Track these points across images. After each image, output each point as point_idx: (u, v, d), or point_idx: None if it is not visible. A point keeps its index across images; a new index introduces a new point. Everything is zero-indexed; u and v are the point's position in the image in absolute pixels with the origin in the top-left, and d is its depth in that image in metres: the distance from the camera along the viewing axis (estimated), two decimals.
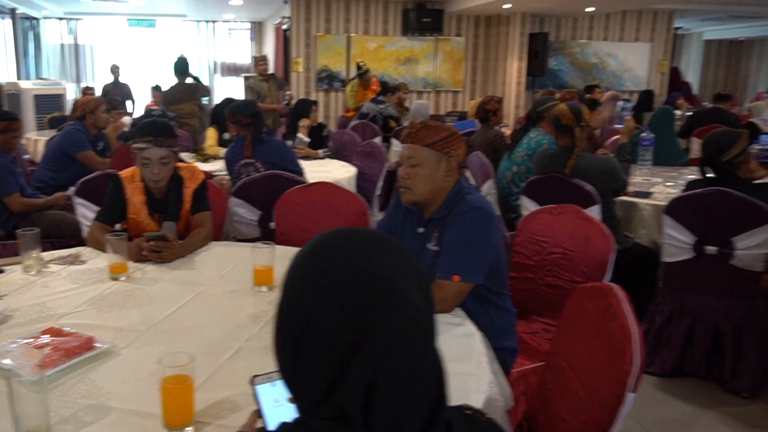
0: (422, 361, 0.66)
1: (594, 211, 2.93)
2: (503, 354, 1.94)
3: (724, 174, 2.68)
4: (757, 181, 2.96)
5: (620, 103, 4.73)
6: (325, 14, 9.17)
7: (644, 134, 4.34)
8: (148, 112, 6.29)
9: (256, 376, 0.89)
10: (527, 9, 8.86)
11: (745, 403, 2.65)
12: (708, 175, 2.77)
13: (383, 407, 0.63)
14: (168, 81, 6.37)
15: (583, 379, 1.42)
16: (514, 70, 9.35)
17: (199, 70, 11.90)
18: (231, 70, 12.70)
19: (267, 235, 2.87)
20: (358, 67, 7.24)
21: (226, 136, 4.64)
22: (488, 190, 3.81)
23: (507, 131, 6.36)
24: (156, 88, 8.71)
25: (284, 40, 9.88)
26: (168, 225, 2.25)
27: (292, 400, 0.69)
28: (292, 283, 0.69)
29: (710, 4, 8.99)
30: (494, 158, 4.12)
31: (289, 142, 4.79)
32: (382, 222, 2.08)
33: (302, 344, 0.65)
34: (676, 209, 2.74)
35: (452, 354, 1.49)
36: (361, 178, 4.39)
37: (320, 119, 9.16)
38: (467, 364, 1.45)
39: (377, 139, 5.27)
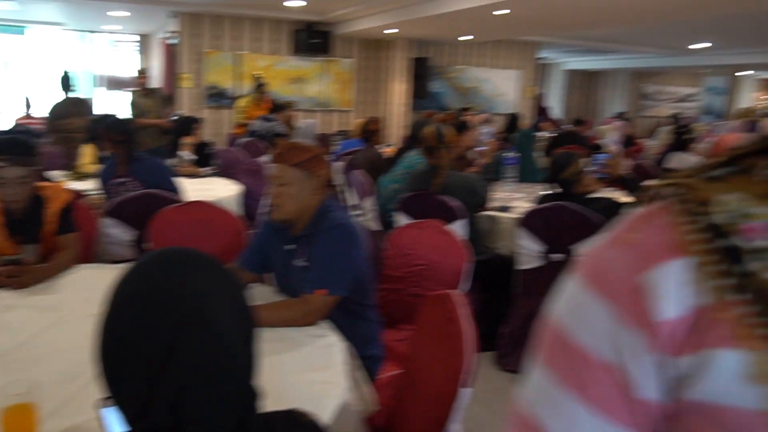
0: (225, 377, 0.71)
1: (459, 226, 3.19)
2: (369, 362, 2.08)
3: (565, 189, 3.04)
4: (592, 195, 3.37)
5: (483, 129, 5.12)
6: (214, 31, 9.08)
7: (508, 154, 4.75)
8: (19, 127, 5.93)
9: (102, 399, 0.90)
10: (410, 34, 9.27)
11: None
12: (556, 191, 3.12)
13: (191, 420, 0.69)
14: (42, 92, 6.02)
15: (429, 379, 1.59)
16: (398, 91, 9.75)
17: (79, 82, 11.24)
18: (116, 83, 12.14)
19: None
20: (256, 80, 7.24)
21: (104, 153, 4.50)
22: (369, 206, 4.00)
23: (392, 150, 6.65)
24: (28, 101, 8.16)
25: (171, 55, 9.63)
26: (28, 248, 2.18)
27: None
28: (110, 302, 0.73)
29: (567, 39, 9.93)
30: (375, 176, 4.33)
31: (173, 160, 4.73)
32: (253, 240, 2.17)
33: (117, 361, 0.70)
34: (528, 222, 3.05)
35: (313, 364, 1.59)
36: (247, 196, 4.43)
37: (209, 137, 9.04)
38: (325, 373, 1.53)
39: (264, 157, 5.32)
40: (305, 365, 1.59)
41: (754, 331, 0.44)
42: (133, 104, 6.47)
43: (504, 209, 3.74)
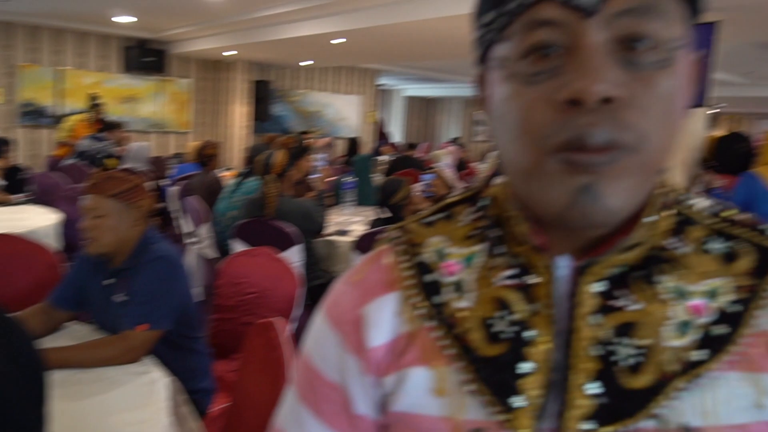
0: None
1: (295, 251, 3.23)
2: (199, 395, 2.04)
3: (395, 213, 3.23)
4: None
5: (318, 155, 5.26)
6: (30, 42, 8.27)
7: (347, 178, 4.92)
8: None
9: None
10: (249, 57, 9.24)
11: None
12: (384, 215, 3.30)
13: None
14: None
15: (254, 409, 1.60)
16: (239, 114, 9.63)
17: None
18: None
19: None
20: (91, 98, 6.69)
21: None
22: (205, 233, 3.89)
23: (231, 174, 6.53)
24: None
25: None
26: None
27: None
28: None
29: (404, 67, 10.57)
30: (211, 202, 4.23)
31: None
32: (68, 274, 2.03)
33: None
34: (361, 245, 3.19)
35: (133, 403, 1.53)
36: (68, 226, 4.08)
37: (24, 159, 8.18)
38: (144, 412, 1.48)
39: None
40: (125, 405, 1.53)
41: (438, 351, 0.52)
42: None
43: (342, 233, 3.86)
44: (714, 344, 0.49)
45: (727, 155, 3.84)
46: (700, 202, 0.57)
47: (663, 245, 0.53)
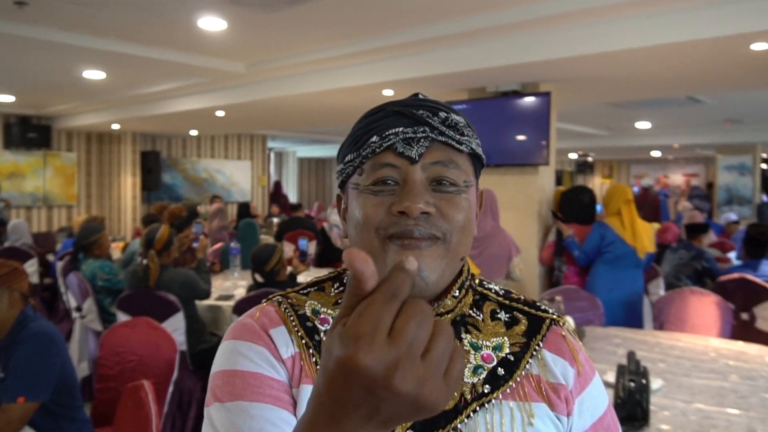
0: None
1: (178, 318, 3.44)
2: None
3: (269, 279, 3.53)
4: (300, 277, 3.94)
5: (199, 227, 5.48)
6: None
7: (233, 244, 5.16)
8: None
9: None
10: (136, 129, 9.30)
11: None
12: (259, 280, 3.58)
13: None
14: None
15: None
16: (128, 185, 9.58)
17: None
18: None
19: None
20: None
21: None
22: (89, 307, 3.99)
23: (120, 245, 6.55)
24: None
25: None
26: None
27: None
28: None
29: (291, 132, 10.99)
30: None
31: None
32: None
33: None
34: (240, 308, 3.44)
35: None
36: None
37: None
38: None
39: None
40: None
41: (317, 372, 0.65)
42: None
43: (227, 298, 4.08)
44: (497, 382, 0.73)
45: (573, 206, 4.29)
46: (493, 286, 0.84)
47: (467, 313, 0.78)
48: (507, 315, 0.80)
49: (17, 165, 8.94)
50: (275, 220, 8.65)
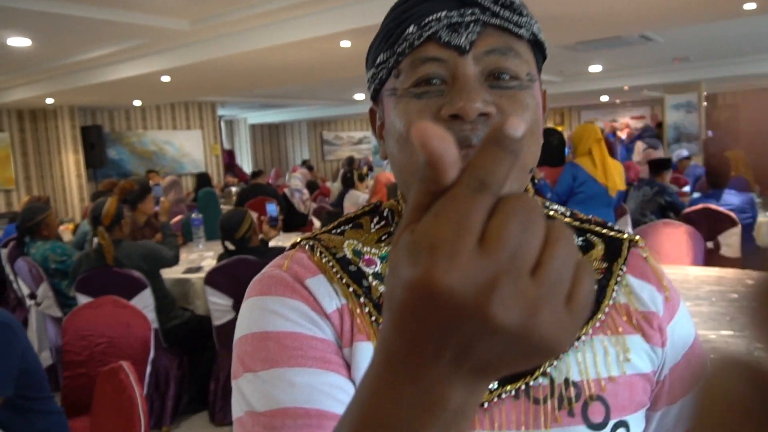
0: None
1: (146, 295, 3.21)
2: None
3: (240, 246, 3.32)
4: (271, 243, 3.75)
5: (157, 189, 5.20)
6: None
7: (194, 215, 4.90)
8: None
9: None
10: (73, 103, 8.75)
11: None
12: (230, 248, 3.37)
13: None
14: None
15: None
16: (71, 162, 9.05)
17: None
18: None
19: None
20: None
21: None
22: (44, 293, 3.71)
23: (69, 227, 6.17)
24: None
25: None
26: None
27: None
28: None
29: (242, 97, 10.58)
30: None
31: None
32: None
33: None
34: (212, 279, 3.24)
35: None
36: None
37: None
38: None
39: None
40: None
41: (373, 327, 0.58)
42: None
43: (194, 270, 3.86)
44: None
45: (542, 149, 4.30)
46: (557, 207, 0.73)
47: None
48: (580, 239, 0.70)
49: None
50: (233, 189, 8.34)
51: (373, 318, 0.59)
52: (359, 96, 11.92)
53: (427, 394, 0.30)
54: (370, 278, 0.62)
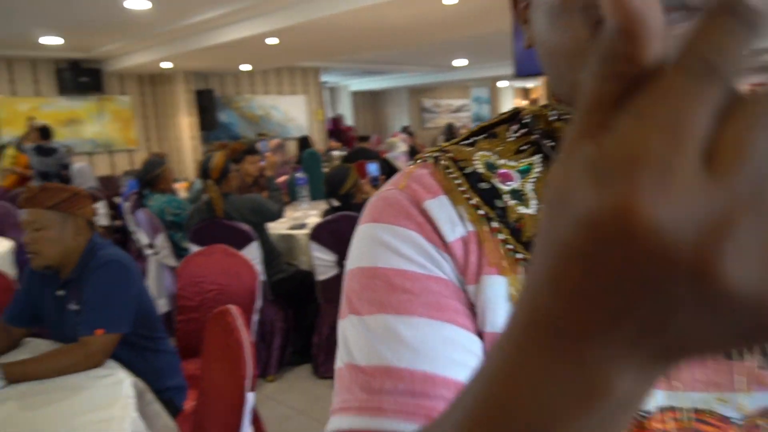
0: None
1: (253, 248, 3.25)
2: (169, 393, 2.06)
3: (344, 202, 3.27)
4: None
5: (264, 144, 5.27)
6: None
7: (299, 174, 4.93)
8: None
9: None
10: (188, 68, 9.11)
11: None
12: (334, 204, 3.33)
13: None
14: None
15: (217, 392, 1.63)
16: (185, 125, 9.50)
17: None
18: None
19: None
20: (29, 121, 6.53)
21: None
22: (161, 243, 3.87)
23: (184, 185, 6.47)
24: None
25: None
26: None
27: None
28: None
29: (345, 63, 10.58)
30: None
31: None
32: (18, 291, 2.02)
33: None
34: (317, 235, 3.22)
35: (98, 403, 1.55)
36: (21, 252, 3.99)
37: None
38: (111, 410, 1.50)
39: None
40: (90, 406, 1.54)
41: (508, 257, 0.47)
42: None
43: (299, 227, 3.89)
44: None
45: None
46: None
47: None
48: None
49: (74, 111, 8.95)
50: (335, 153, 8.40)
51: (510, 247, 0.47)
52: (458, 62, 11.57)
53: (587, 378, 0.21)
54: (506, 197, 0.50)
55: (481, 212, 0.49)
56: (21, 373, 1.65)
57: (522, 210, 0.49)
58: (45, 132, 6.23)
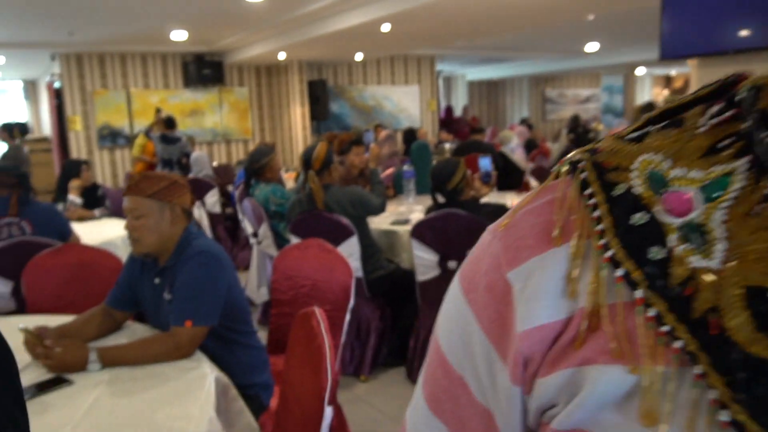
0: None
1: (352, 242, 3.16)
2: (255, 389, 2.01)
3: (451, 198, 3.08)
4: (483, 200, 3.44)
5: (369, 135, 5.17)
6: (99, 70, 8.72)
7: (406, 167, 4.80)
8: None
9: None
10: (302, 58, 9.28)
11: None
12: (440, 201, 3.15)
13: None
14: None
15: (297, 398, 1.54)
16: (298, 115, 9.70)
17: None
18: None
19: (22, 306, 2.67)
20: (157, 113, 7.02)
21: None
22: (264, 232, 3.91)
23: (292, 175, 6.58)
24: None
25: (57, 98, 9.15)
26: None
27: None
28: None
29: (462, 50, 10.25)
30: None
31: (60, 205, 4.52)
32: (121, 276, 2.05)
33: None
34: (419, 232, 3.05)
35: (180, 397, 1.52)
36: None
37: (104, 179, 8.63)
38: (191, 406, 1.46)
39: None
40: (173, 399, 1.52)
41: (651, 343, 0.31)
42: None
43: (403, 222, 3.75)
44: None
45: None
46: None
47: None
48: None
49: (197, 102, 9.47)
50: (447, 146, 8.19)
51: (665, 329, 0.31)
52: (591, 47, 10.70)
53: None
54: (672, 240, 0.32)
55: (618, 273, 0.32)
56: (115, 357, 1.67)
57: (697, 263, 0.31)
58: (170, 122, 6.61)
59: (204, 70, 9.05)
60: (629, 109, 15.63)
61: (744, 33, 3.37)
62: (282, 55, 8.66)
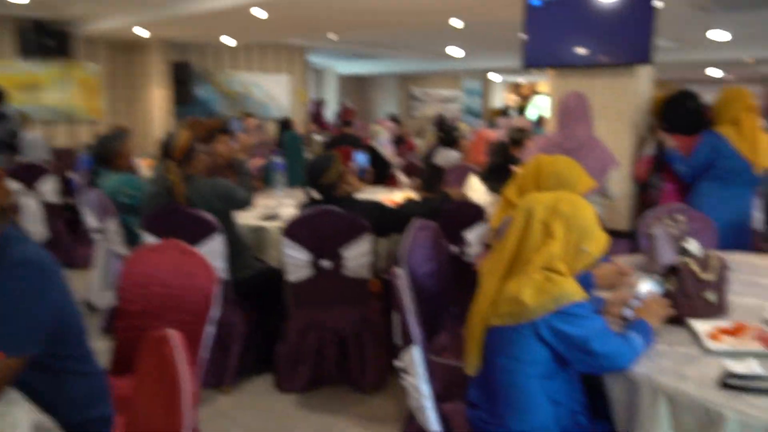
0: None
1: (216, 240, 2.84)
2: (94, 425, 1.65)
3: (326, 194, 2.88)
4: (358, 195, 3.27)
5: (237, 124, 4.86)
6: None
7: (277, 159, 4.52)
8: None
9: None
10: (165, 36, 8.65)
11: (371, 399, 2.87)
12: (314, 196, 2.94)
13: None
14: None
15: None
16: (157, 98, 9.05)
17: None
18: None
19: None
20: None
21: None
22: (111, 227, 3.43)
23: (148, 162, 5.99)
24: None
25: None
26: None
27: None
28: None
29: (333, 43, 10.13)
30: None
31: None
32: None
33: None
34: (292, 230, 2.82)
35: None
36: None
37: None
38: None
39: None
40: None
41: None
42: None
43: (271, 218, 3.49)
44: None
45: (677, 115, 3.62)
46: None
47: None
48: None
49: (34, 76, 8.39)
50: (316, 137, 7.98)
51: None
52: (452, 50, 11.16)
53: None
54: None
55: None
56: None
57: None
58: None
59: (45, 39, 7.99)
60: (487, 111, 16.72)
61: (589, 51, 3.87)
62: (144, 32, 7.95)
